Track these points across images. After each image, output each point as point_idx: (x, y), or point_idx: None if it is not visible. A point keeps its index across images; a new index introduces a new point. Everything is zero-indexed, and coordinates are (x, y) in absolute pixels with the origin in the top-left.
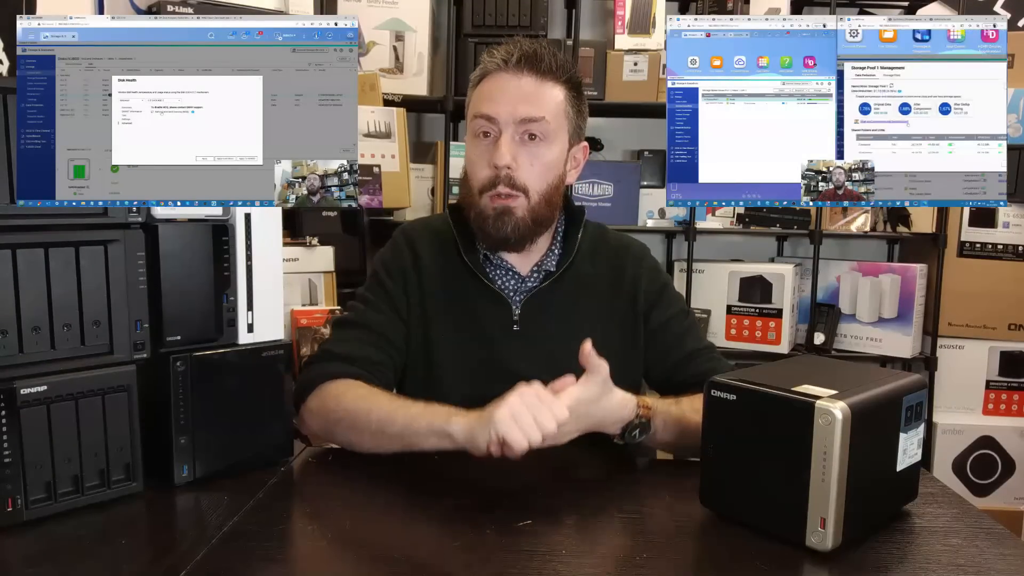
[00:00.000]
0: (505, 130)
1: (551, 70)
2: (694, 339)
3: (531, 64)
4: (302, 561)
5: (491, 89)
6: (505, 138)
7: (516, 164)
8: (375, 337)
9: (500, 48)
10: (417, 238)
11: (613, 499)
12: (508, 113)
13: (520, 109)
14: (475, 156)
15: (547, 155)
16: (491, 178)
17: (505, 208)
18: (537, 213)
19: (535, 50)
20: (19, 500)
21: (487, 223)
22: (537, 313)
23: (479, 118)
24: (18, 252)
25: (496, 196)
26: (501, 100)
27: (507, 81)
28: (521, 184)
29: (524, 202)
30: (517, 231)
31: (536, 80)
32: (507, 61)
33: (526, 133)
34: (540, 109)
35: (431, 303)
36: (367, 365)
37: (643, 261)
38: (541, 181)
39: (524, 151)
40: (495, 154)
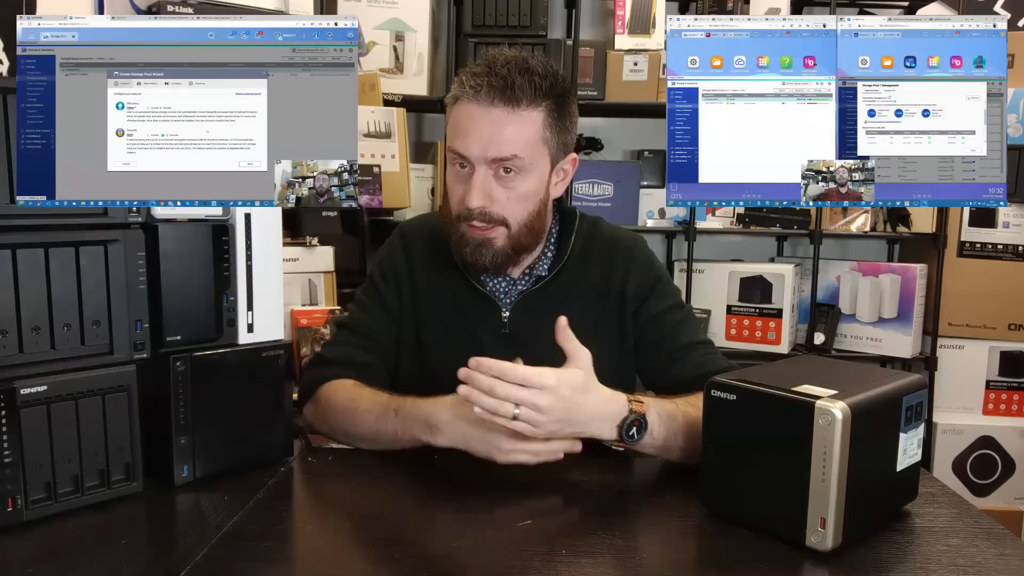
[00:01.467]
0: (478, 167)
1: (525, 96)
2: (688, 333)
3: (501, 95)
4: (302, 561)
5: (462, 121)
6: (477, 177)
7: (491, 200)
8: (363, 340)
9: (472, 72)
10: (413, 238)
11: (613, 499)
12: (479, 152)
13: (491, 149)
14: (451, 183)
15: (523, 187)
16: (466, 212)
17: (484, 240)
18: (517, 241)
19: (505, 77)
20: (19, 500)
21: (465, 251)
22: (527, 316)
23: (452, 152)
24: (18, 252)
25: (472, 227)
26: (471, 136)
27: (478, 115)
28: (498, 217)
29: (504, 231)
30: (496, 260)
31: (507, 111)
32: (477, 90)
33: (500, 167)
34: (510, 146)
35: (423, 303)
36: (354, 367)
37: (633, 257)
38: (520, 211)
39: (499, 185)
40: (467, 195)
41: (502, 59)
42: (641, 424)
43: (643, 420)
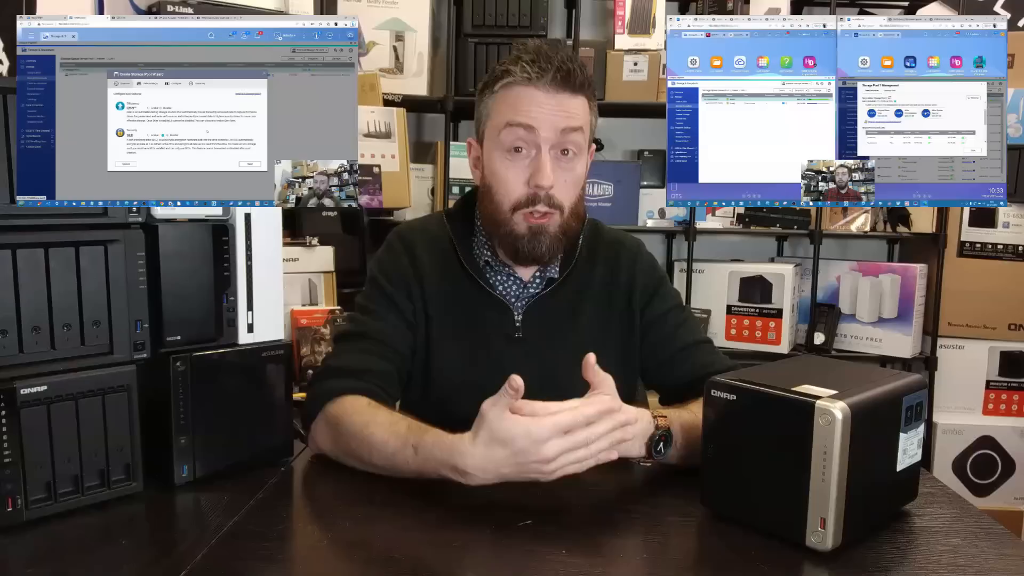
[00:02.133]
0: (544, 145)
1: (582, 85)
2: (690, 333)
3: (564, 81)
4: (302, 561)
5: (523, 99)
6: (545, 156)
7: (555, 182)
8: (377, 346)
9: (523, 55)
10: (415, 243)
11: (613, 499)
12: (550, 125)
13: (561, 121)
14: (508, 173)
15: (578, 169)
16: (529, 196)
17: (541, 227)
18: (568, 227)
19: (568, 66)
20: (19, 500)
21: (520, 241)
22: (539, 319)
23: (515, 127)
24: (18, 252)
25: (532, 215)
26: (540, 112)
27: (541, 96)
28: (558, 202)
29: (558, 219)
30: (551, 249)
31: (569, 95)
32: (540, 76)
33: (560, 148)
34: (578, 119)
35: (433, 309)
36: (370, 377)
37: (638, 258)
38: (573, 196)
39: (559, 168)
40: (537, 175)
41: (548, 48)
42: (667, 439)
43: (668, 435)
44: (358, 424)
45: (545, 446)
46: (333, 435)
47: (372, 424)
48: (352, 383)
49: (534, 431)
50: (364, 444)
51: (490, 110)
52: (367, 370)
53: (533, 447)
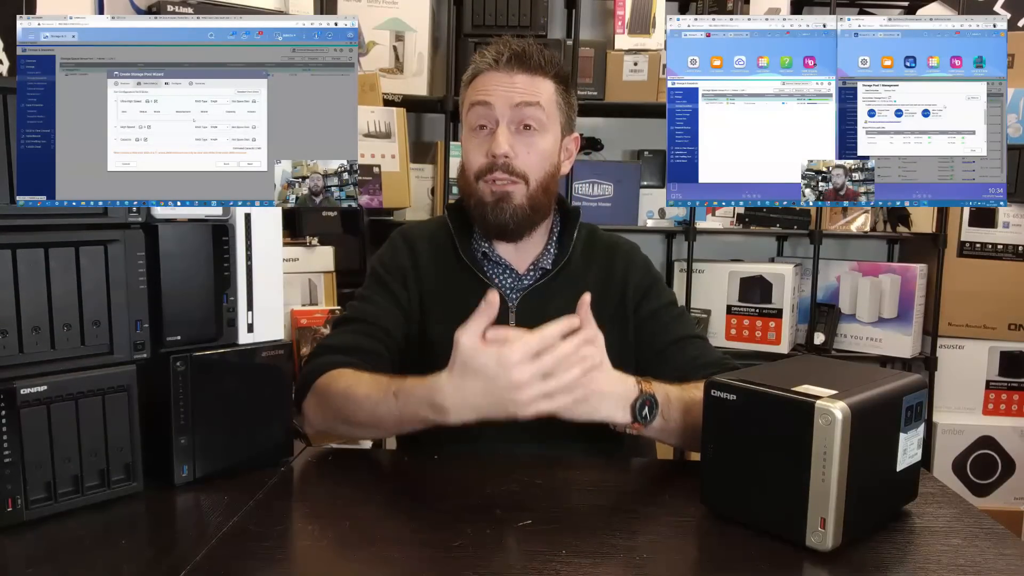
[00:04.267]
0: (502, 119)
1: (540, 66)
2: (682, 327)
3: (521, 61)
4: (302, 561)
5: (485, 83)
6: (502, 128)
7: (514, 153)
8: (368, 327)
9: (489, 48)
10: (415, 238)
11: (613, 499)
12: (504, 100)
13: (515, 96)
14: (472, 147)
15: (542, 143)
16: (488, 165)
17: (504, 194)
18: (535, 200)
19: (523, 48)
20: (19, 500)
21: (486, 209)
22: (534, 311)
23: (476, 106)
24: (18, 252)
25: (493, 181)
26: (497, 90)
27: (500, 76)
28: (520, 171)
29: (523, 188)
30: (516, 217)
31: (527, 76)
32: (497, 60)
33: (522, 123)
34: (535, 95)
35: (429, 300)
36: (358, 354)
37: (632, 258)
38: (538, 169)
39: (520, 140)
40: (493, 143)
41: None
42: (652, 403)
43: (654, 399)
44: (343, 386)
45: (515, 370)
46: (321, 404)
47: (357, 384)
48: (340, 358)
49: (504, 355)
50: (350, 402)
51: (463, 99)
52: (355, 347)
53: (504, 373)
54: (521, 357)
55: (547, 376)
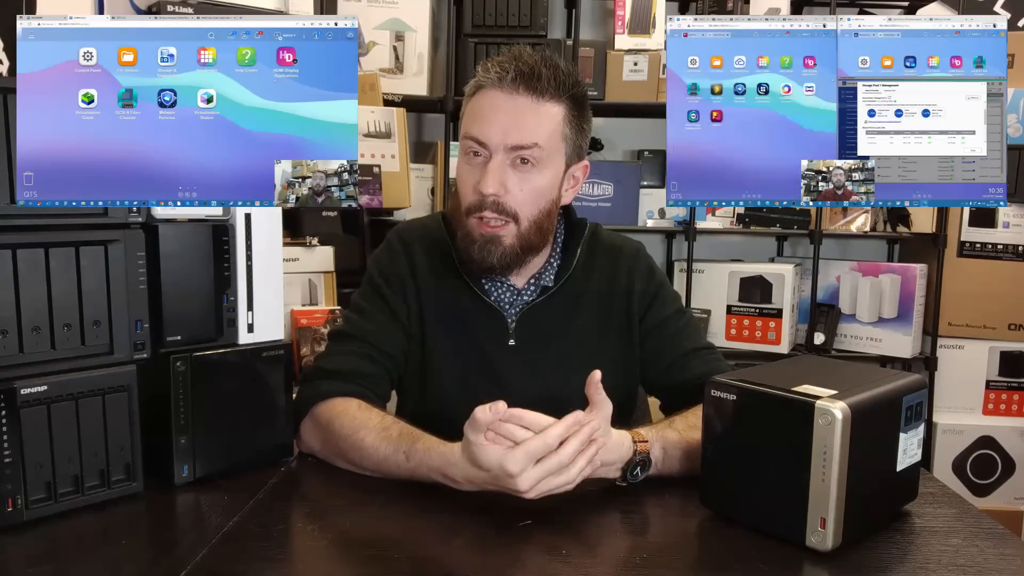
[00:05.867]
0: (495, 154)
1: (550, 88)
2: (691, 339)
3: (527, 83)
4: (302, 561)
5: (483, 107)
6: (494, 163)
7: (505, 190)
8: (368, 348)
9: (497, 61)
10: (413, 243)
11: (613, 499)
12: (498, 138)
13: (511, 136)
14: (464, 175)
15: (538, 180)
16: (478, 202)
17: (493, 236)
18: (526, 240)
19: (532, 66)
20: (19, 500)
21: (472, 248)
22: (533, 328)
23: (468, 139)
24: (18, 252)
25: (482, 222)
26: (493, 122)
27: (501, 100)
28: (511, 210)
29: (513, 229)
30: (504, 259)
31: (532, 100)
32: (502, 78)
33: (518, 158)
34: (533, 135)
35: (428, 312)
36: (359, 380)
37: (637, 263)
38: (532, 207)
39: (514, 176)
40: (482, 180)
41: (527, 52)
42: (646, 464)
43: (647, 460)
44: (348, 428)
45: (518, 479)
46: (323, 436)
47: (363, 428)
48: (341, 386)
49: (507, 465)
50: (355, 448)
51: (463, 114)
52: (357, 373)
53: (508, 480)
54: (523, 466)
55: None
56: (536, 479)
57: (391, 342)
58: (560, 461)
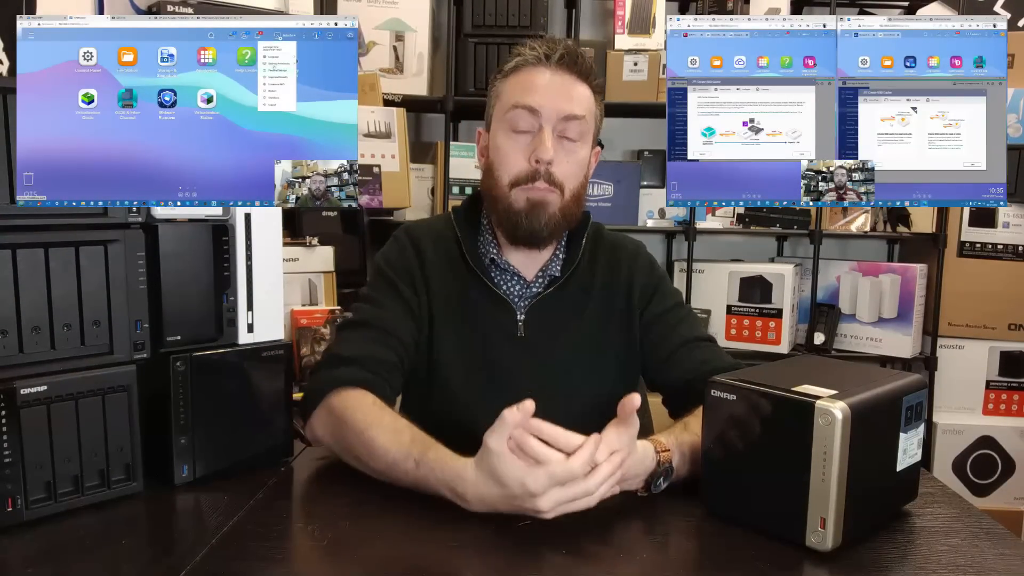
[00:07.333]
0: (546, 125)
1: (586, 72)
2: (690, 329)
3: (572, 62)
4: (302, 561)
5: (533, 80)
6: (547, 132)
7: (556, 160)
8: (382, 334)
9: (538, 42)
10: (421, 238)
11: (612, 499)
12: (552, 107)
13: (564, 105)
14: (510, 149)
15: (581, 153)
16: (529, 172)
17: (542, 200)
18: (567, 211)
19: (572, 49)
20: (19, 500)
21: (519, 216)
22: (542, 320)
23: (520, 108)
24: (18, 252)
25: (533, 189)
26: (545, 94)
27: (548, 76)
28: (559, 180)
29: (559, 198)
30: (550, 225)
31: (575, 79)
32: (549, 56)
33: (563, 132)
34: (580, 107)
35: (436, 305)
36: (374, 366)
37: (638, 258)
38: (574, 180)
39: (561, 148)
40: (539, 148)
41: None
42: (668, 472)
43: (670, 469)
44: (361, 424)
45: (540, 499)
46: (334, 427)
47: (376, 427)
48: (355, 372)
49: (529, 484)
50: (365, 446)
51: (500, 92)
52: (371, 358)
53: (529, 499)
54: (545, 487)
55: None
56: (558, 502)
57: (404, 329)
58: (586, 489)
